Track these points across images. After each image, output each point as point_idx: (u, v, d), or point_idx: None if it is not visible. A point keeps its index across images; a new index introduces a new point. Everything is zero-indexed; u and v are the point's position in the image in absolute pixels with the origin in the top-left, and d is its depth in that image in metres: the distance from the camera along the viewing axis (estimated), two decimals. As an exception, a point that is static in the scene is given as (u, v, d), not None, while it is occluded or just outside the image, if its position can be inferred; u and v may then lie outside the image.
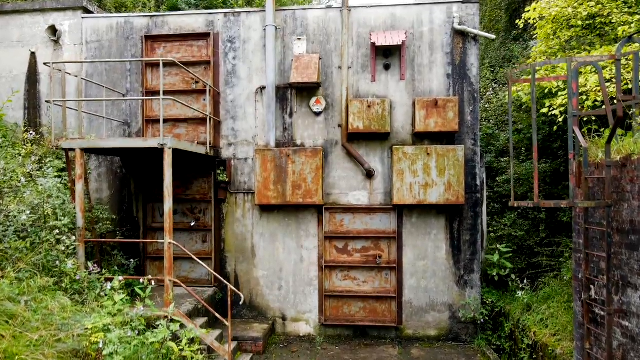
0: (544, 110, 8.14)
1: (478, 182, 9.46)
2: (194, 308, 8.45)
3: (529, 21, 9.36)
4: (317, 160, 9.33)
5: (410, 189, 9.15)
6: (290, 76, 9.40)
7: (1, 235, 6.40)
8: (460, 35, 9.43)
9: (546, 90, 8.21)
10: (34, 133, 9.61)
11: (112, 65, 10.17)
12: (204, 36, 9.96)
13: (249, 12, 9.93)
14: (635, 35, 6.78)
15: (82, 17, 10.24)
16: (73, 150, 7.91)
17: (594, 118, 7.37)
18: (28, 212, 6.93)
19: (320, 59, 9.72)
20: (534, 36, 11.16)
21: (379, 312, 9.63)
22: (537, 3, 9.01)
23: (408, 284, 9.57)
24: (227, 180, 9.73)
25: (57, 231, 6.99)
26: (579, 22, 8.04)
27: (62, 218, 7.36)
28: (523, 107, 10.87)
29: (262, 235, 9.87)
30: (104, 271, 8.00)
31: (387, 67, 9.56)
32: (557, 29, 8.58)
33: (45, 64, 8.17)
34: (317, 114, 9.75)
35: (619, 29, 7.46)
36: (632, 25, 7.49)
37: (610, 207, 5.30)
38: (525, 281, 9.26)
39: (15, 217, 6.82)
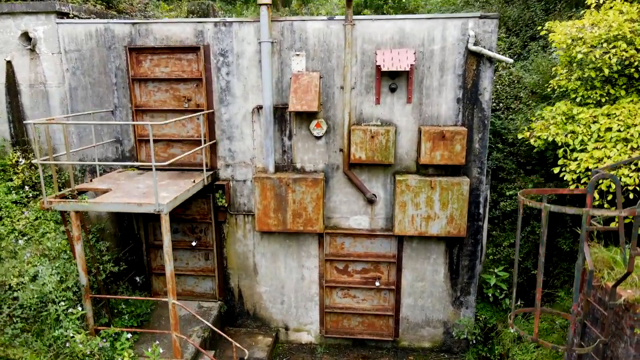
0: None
1: (481, 211, 9.32)
2: (202, 338, 8.88)
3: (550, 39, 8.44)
4: (317, 189, 9.08)
5: (412, 220, 9.05)
6: (289, 102, 8.76)
7: (4, 321, 6.51)
8: (475, 55, 8.58)
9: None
10: (23, 160, 9.26)
11: (97, 79, 9.41)
12: (193, 50, 9.07)
13: (241, 22, 8.92)
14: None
15: (57, 23, 9.23)
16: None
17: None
18: (31, 286, 6.98)
19: (320, 77, 8.97)
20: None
21: (377, 326, 10.12)
22: (559, 26, 8.05)
23: (405, 302, 9.93)
24: (226, 205, 9.58)
25: (63, 303, 7.11)
26: (606, 70, 7.26)
27: (65, 278, 7.44)
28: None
29: (264, 255, 10.00)
30: (114, 320, 8.29)
31: (392, 90, 8.86)
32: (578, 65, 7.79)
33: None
34: (318, 138, 9.27)
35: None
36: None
37: (607, 345, 5.35)
38: (519, 301, 9.60)
39: (17, 291, 6.89)
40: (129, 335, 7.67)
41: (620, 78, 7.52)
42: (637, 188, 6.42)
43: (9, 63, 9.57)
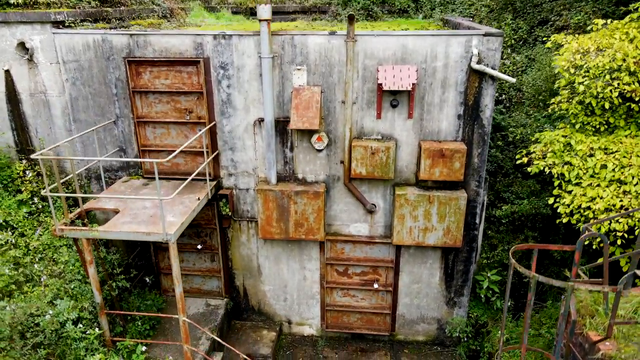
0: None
1: (477, 220, 9.62)
2: (210, 340, 9.50)
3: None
4: (318, 202, 9.33)
5: (409, 232, 9.37)
6: (290, 118, 8.78)
7: (29, 353, 7.00)
8: (477, 73, 8.50)
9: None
10: (30, 173, 9.43)
11: (97, 89, 9.37)
12: (193, 62, 8.97)
13: (241, 35, 8.74)
14: None
15: (53, 33, 9.05)
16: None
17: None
18: (50, 311, 7.44)
19: (322, 92, 8.94)
20: None
21: (375, 322, 10.75)
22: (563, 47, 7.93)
23: (402, 301, 10.48)
24: (230, 213, 9.86)
25: (81, 325, 7.60)
26: (607, 104, 7.26)
27: (81, 299, 7.90)
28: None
29: (267, 257, 10.42)
30: (128, 325, 8.85)
31: (394, 106, 8.86)
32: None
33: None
34: (319, 150, 9.38)
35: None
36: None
37: (585, 390, 5.83)
38: (509, 303, 10.13)
39: (37, 317, 7.35)
40: (144, 348, 8.24)
41: (620, 107, 7.53)
42: (626, 235, 6.67)
43: (7, 72, 9.49)
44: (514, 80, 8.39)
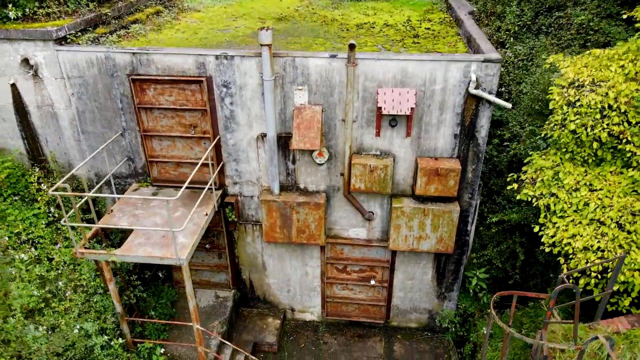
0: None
1: (469, 228, 10.20)
2: (221, 334, 10.45)
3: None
4: (319, 212, 9.86)
5: (405, 239, 9.99)
6: (292, 137, 9.09)
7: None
8: (475, 97, 8.70)
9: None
10: (44, 187, 9.88)
11: (103, 103, 9.58)
12: (196, 81, 9.11)
13: (242, 56, 8.82)
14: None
15: (57, 50, 9.12)
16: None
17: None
18: (78, 326, 8.25)
19: (323, 110, 9.17)
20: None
21: (371, 312, 11.68)
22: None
23: (397, 295, 11.33)
24: (235, 219, 10.43)
25: (106, 336, 8.44)
26: (595, 144, 7.56)
27: (104, 310, 8.71)
28: None
29: (271, 256, 11.13)
30: (146, 324, 9.74)
31: (392, 125, 9.13)
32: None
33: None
34: (320, 164, 9.76)
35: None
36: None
37: (550, 415, 6.70)
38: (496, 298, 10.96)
39: (68, 332, 8.17)
40: (162, 350, 9.17)
41: (607, 141, 7.82)
42: (599, 275, 7.26)
43: (13, 85, 9.65)
44: (509, 105, 8.61)
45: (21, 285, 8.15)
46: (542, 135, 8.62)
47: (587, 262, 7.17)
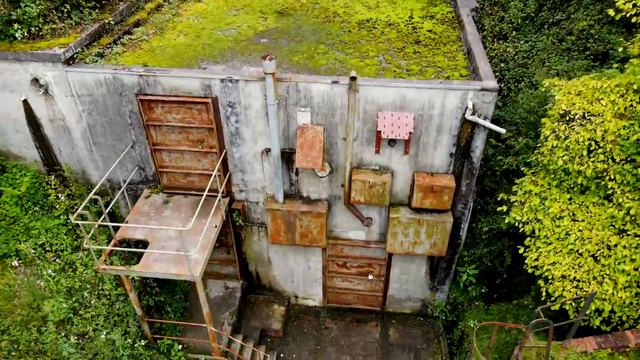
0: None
1: (461, 233, 10.88)
2: (232, 326, 11.48)
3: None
4: (321, 219, 10.51)
5: (401, 244, 10.70)
6: (295, 157, 9.53)
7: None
8: (471, 121, 9.04)
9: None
10: (62, 197, 10.45)
11: (112, 119, 9.93)
12: (202, 102, 9.41)
13: (247, 80, 9.07)
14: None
15: (66, 71, 9.34)
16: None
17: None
18: (104, 332, 9.18)
19: (325, 130, 9.54)
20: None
21: (368, 300, 12.67)
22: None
23: (392, 286, 12.25)
24: (242, 223, 11.10)
25: (129, 339, 9.40)
26: (580, 179, 8.04)
27: (126, 316, 9.64)
28: None
29: (276, 253, 11.93)
30: (163, 317, 10.73)
31: (391, 144, 9.54)
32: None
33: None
34: (322, 177, 10.27)
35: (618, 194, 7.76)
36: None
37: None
38: (484, 290, 11.90)
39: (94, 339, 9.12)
40: (180, 347, 10.20)
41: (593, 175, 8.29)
42: (573, 303, 8.01)
43: (25, 101, 9.95)
44: (503, 131, 8.97)
45: (52, 299, 8.98)
46: (533, 158, 9.06)
47: (563, 289, 7.91)
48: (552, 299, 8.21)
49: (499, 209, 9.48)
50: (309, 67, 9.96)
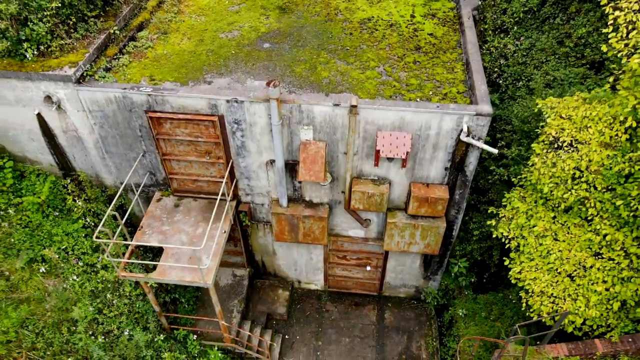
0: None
1: (454, 233, 11.63)
2: (241, 313, 12.54)
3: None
4: (323, 222, 11.23)
5: (397, 244, 11.49)
6: (298, 171, 10.07)
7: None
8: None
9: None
10: (79, 202, 11.10)
11: (123, 131, 10.38)
12: (209, 120, 9.83)
13: (252, 101, 9.44)
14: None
15: (77, 90, 9.68)
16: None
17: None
18: (127, 330, 10.19)
19: (326, 145, 10.02)
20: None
21: (366, 286, 13.67)
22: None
23: (389, 275, 13.20)
24: (248, 223, 11.83)
25: (150, 333, 10.43)
26: (563, 205, 8.64)
27: (145, 313, 10.64)
28: None
29: (280, 246, 12.76)
30: (178, 307, 11.76)
31: (390, 160, 10.06)
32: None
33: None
34: (323, 185, 10.86)
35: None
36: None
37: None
38: (473, 279, 12.85)
39: (119, 337, 10.14)
40: (195, 337, 11.29)
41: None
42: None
43: (38, 115, 10.35)
44: (495, 151, 9.48)
45: (79, 302, 9.90)
46: (523, 176, 9.62)
47: (541, 304, 8.77)
48: (531, 310, 9.09)
49: (488, 222, 10.16)
50: (311, 80, 10.25)
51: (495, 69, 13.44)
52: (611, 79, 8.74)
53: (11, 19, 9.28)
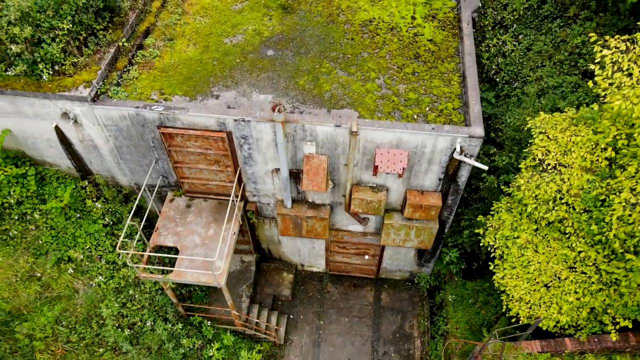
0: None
1: (446, 231, 12.56)
2: (250, 298, 13.75)
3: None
4: (325, 222, 12.13)
5: (393, 240, 12.45)
6: (302, 181, 10.81)
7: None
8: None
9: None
10: (98, 203, 11.93)
11: (137, 142, 11.01)
12: (217, 136, 10.43)
13: (258, 121, 10.01)
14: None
15: (92, 107, 10.22)
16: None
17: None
18: (149, 321, 11.39)
19: (328, 158, 10.70)
20: None
21: (364, 270, 14.81)
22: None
23: (385, 262, 14.29)
24: (255, 220, 12.73)
25: (169, 324, 11.66)
26: (543, 222, 9.45)
27: (165, 304, 11.82)
28: None
29: (285, 237, 13.74)
30: (193, 294, 12.95)
31: (387, 173, 10.77)
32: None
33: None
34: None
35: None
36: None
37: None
38: (463, 266, 13.94)
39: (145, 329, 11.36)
40: (209, 323, 12.54)
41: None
42: (526, 320, 9.93)
43: (56, 127, 10.94)
44: (485, 167, 10.17)
45: (105, 299, 11.02)
46: (511, 190, 10.38)
47: (519, 309, 9.85)
48: (511, 312, 10.19)
49: (476, 230, 11.04)
50: (314, 94, 10.74)
51: (493, 67, 13.79)
52: (596, 106, 9.30)
53: (25, 42, 9.67)
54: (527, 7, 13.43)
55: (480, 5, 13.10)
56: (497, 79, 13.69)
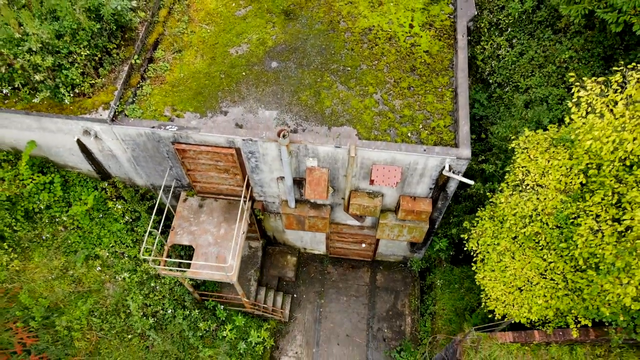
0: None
1: (436, 227, 13.77)
2: (257, 282, 15.23)
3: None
4: (325, 220, 13.33)
5: (387, 236, 13.69)
6: (305, 190, 11.87)
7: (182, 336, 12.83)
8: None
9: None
10: (119, 205, 13.07)
11: (152, 154, 11.96)
12: (227, 151, 11.37)
13: (264, 141, 10.91)
14: None
15: (112, 126, 11.09)
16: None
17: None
18: (170, 309, 12.90)
19: (329, 170, 11.70)
20: None
21: (361, 254, 16.19)
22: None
23: (381, 248, 15.64)
24: (261, 216, 13.92)
25: (187, 311, 13.17)
26: (521, 236, 10.60)
27: (183, 293, 13.29)
28: None
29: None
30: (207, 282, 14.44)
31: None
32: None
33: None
34: (326, 194, 12.73)
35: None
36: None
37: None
38: (451, 252, 15.31)
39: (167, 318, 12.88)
40: (222, 307, 14.07)
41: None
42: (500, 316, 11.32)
43: (78, 140, 11.85)
44: (472, 182, 11.19)
45: (130, 292, 12.44)
46: (493, 200, 11.46)
47: (496, 307, 11.25)
48: (489, 309, 11.61)
49: (462, 235, 12.23)
50: (315, 110, 11.54)
51: (487, 68, 14.41)
52: (573, 136, 10.17)
53: (47, 70, 10.38)
54: (522, 11, 13.85)
55: (477, 13, 13.50)
56: (491, 81, 14.36)
